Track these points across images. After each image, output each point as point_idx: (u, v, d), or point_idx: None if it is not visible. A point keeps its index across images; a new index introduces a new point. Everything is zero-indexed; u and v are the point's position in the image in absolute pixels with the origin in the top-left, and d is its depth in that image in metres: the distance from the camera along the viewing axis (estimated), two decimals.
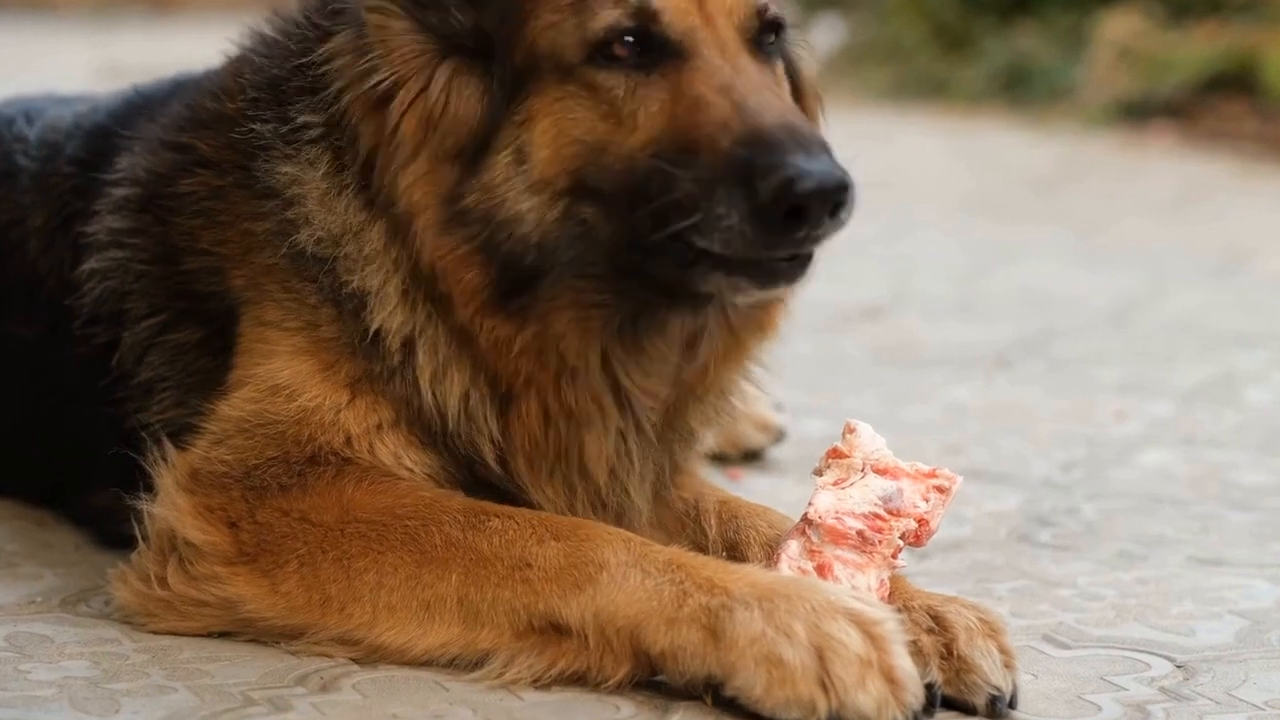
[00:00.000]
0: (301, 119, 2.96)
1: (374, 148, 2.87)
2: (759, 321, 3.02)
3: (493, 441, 2.92)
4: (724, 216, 2.64)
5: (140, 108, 3.39)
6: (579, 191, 2.76)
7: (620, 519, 2.98)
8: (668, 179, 2.67)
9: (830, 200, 2.63)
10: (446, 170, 2.81)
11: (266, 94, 3.04)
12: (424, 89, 2.82)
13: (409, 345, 2.90)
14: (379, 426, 2.91)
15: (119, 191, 3.19)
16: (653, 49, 2.77)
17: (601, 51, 2.77)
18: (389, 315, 2.89)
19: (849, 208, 2.66)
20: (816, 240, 2.69)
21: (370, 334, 2.90)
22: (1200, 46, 11.37)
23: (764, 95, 2.74)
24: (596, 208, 2.76)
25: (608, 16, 2.76)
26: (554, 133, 2.77)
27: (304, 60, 2.99)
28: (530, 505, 2.93)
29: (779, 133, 2.65)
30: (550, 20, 2.79)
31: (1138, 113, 11.31)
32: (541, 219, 2.78)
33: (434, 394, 2.89)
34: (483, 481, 2.95)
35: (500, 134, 2.79)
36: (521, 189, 2.78)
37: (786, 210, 2.61)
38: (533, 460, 2.93)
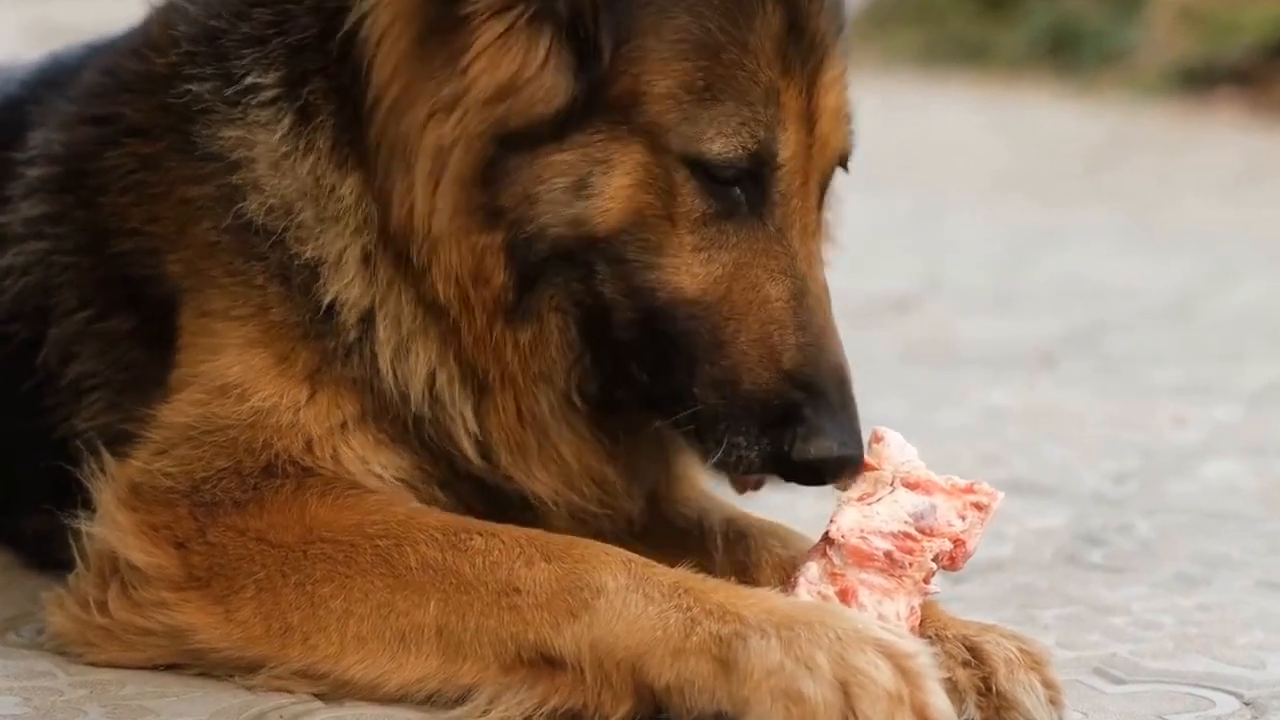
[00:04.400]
0: (250, 79, 2.95)
1: (390, 81, 2.81)
2: None
3: (469, 432, 2.92)
4: (738, 446, 2.80)
5: (53, 77, 3.38)
6: (610, 254, 2.79)
7: (617, 508, 3.00)
8: (700, 353, 2.79)
9: (843, 476, 2.79)
10: (490, 144, 2.77)
11: (204, 48, 3.01)
12: (524, 40, 2.75)
13: (368, 319, 2.89)
14: (343, 425, 2.91)
15: (34, 172, 3.18)
16: (749, 194, 2.81)
17: (703, 165, 2.79)
18: (346, 286, 2.89)
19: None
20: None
21: (324, 308, 2.89)
22: (1270, 6, 11.39)
23: (826, 317, 2.83)
24: (613, 275, 2.81)
25: (724, 146, 2.76)
26: (627, 197, 2.77)
27: (249, 5, 2.97)
28: (519, 494, 2.94)
29: (830, 388, 2.79)
30: (666, 87, 2.76)
31: (1200, 80, 11.33)
32: (565, 249, 2.79)
33: (395, 373, 2.89)
34: (464, 475, 2.96)
35: (568, 149, 2.76)
36: (565, 219, 2.77)
37: (804, 471, 2.79)
38: (517, 452, 2.93)
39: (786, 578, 2.87)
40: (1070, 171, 9.55)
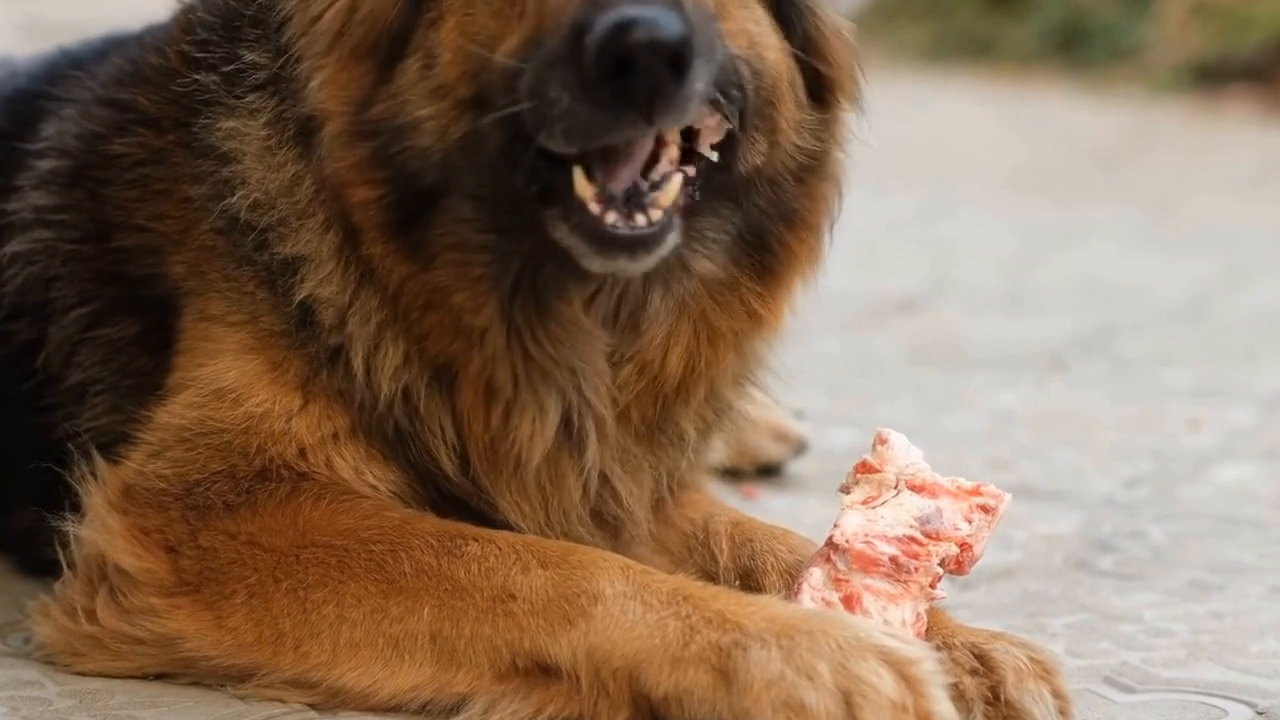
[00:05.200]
0: (249, 57, 2.97)
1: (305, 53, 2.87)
2: (749, 308, 2.97)
3: (447, 442, 2.91)
4: (556, 101, 2.58)
5: (68, 69, 3.41)
6: (485, 104, 2.74)
7: (617, 536, 2.98)
8: (517, 78, 2.63)
9: (663, 49, 2.52)
10: (357, 71, 2.82)
11: (218, 34, 3.05)
12: None
13: (343, 319, 2.90)
14: (334, 436, 2.91)
15: (45, 164, 3.21)
16: None
17: None
18: (320, 283, 2.89)
19: (694, 69, 2.55)
20: (661, 107, 2.56)
21: (303, 310, 2.89)
22: None
23: None
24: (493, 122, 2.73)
25: None
26: (457, 33, 2.78)
27: None
28: (503, 521, 2.92)
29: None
30: None
31: (1213, 76, 11.33)
32: (444, 132, 2.78)
33: (367, 372, 2.88)
34: (450, 499, 2.95)
35: (414, 35, 2.81)
36: (425, 94, 2.78)
37: (614, 68, 2.53)
38: (493, 459, 2.91)
39: (792, 582, 2.86)
40: (1081, 169, 9.56)
